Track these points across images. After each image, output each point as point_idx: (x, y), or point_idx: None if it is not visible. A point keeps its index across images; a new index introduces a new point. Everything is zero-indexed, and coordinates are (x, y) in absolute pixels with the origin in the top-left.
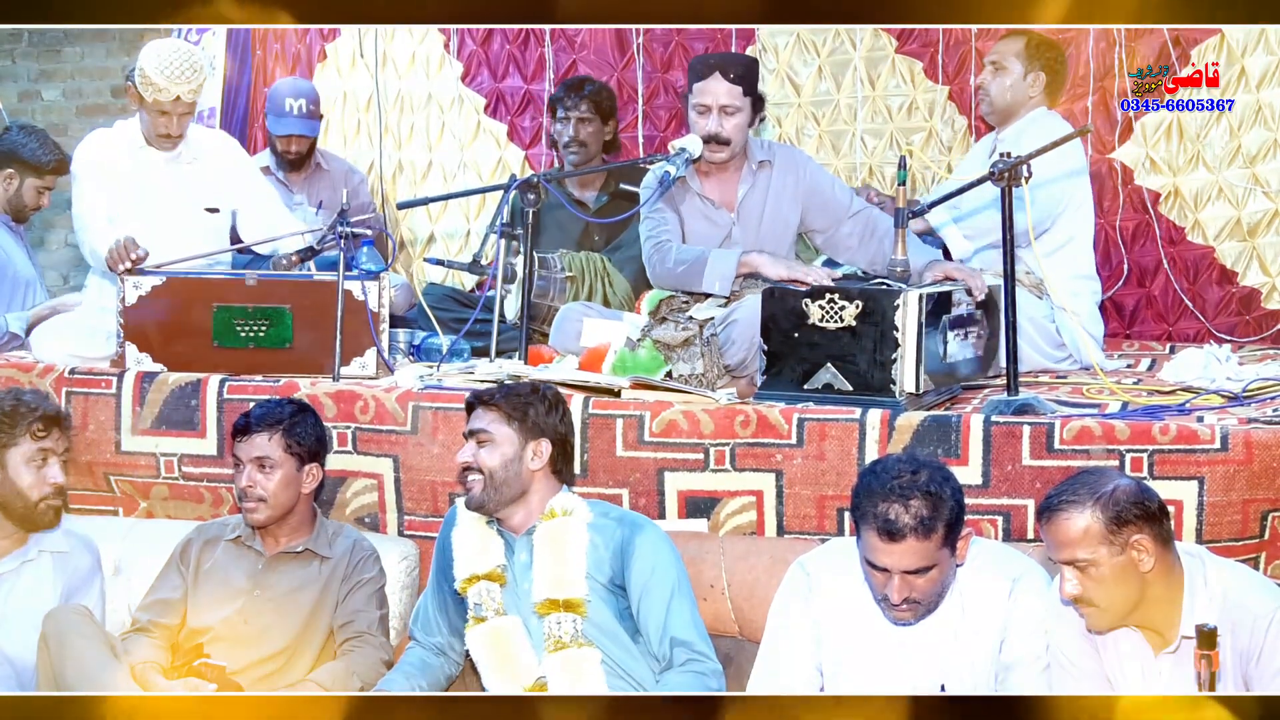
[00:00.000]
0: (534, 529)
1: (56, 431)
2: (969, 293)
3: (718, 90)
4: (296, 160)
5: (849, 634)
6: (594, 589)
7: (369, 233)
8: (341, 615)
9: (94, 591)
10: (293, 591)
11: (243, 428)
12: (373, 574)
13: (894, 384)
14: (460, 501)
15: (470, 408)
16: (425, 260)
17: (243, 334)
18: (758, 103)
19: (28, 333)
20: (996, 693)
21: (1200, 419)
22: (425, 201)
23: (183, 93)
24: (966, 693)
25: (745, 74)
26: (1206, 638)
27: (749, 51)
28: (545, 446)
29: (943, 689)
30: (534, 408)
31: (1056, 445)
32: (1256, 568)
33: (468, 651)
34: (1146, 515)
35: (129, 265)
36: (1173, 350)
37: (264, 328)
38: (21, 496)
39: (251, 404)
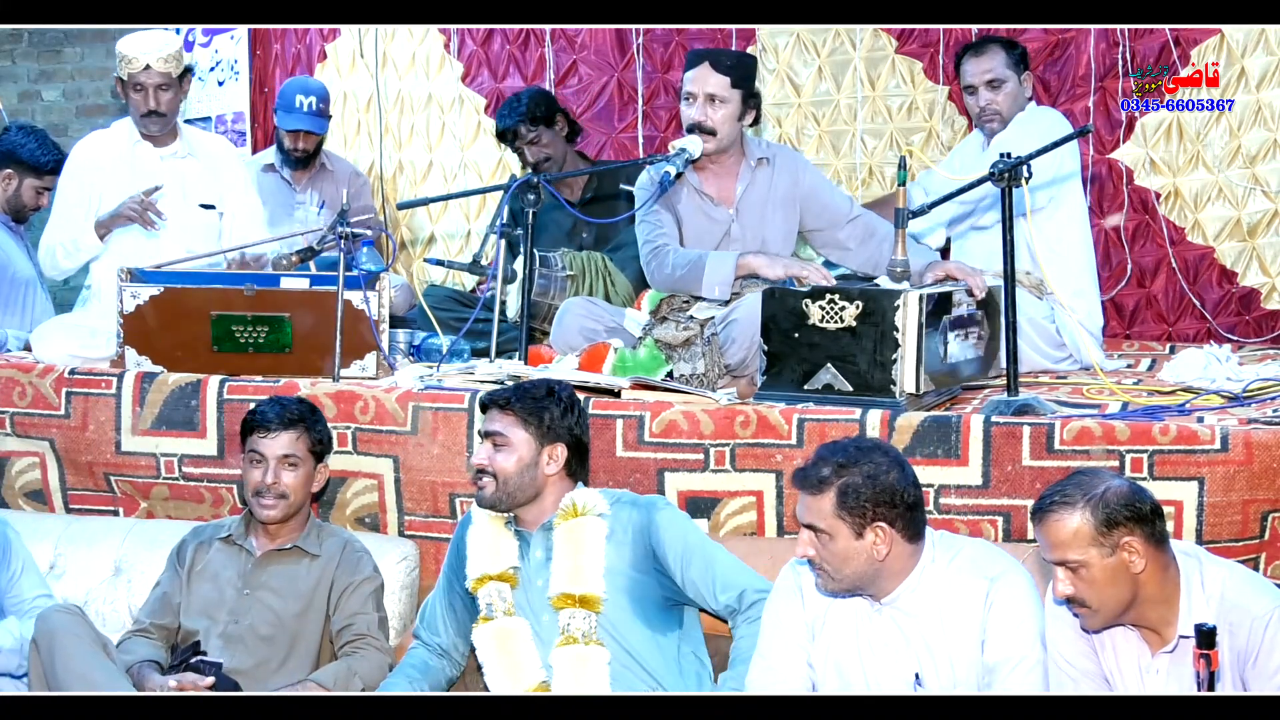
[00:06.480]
0: (550, 525)
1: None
2: (969, 293)
3: (705, 79)
4: (302, 158)
5: (836, 627)
6: (614, 583)
7: (369, 233)
8: (340, 617)
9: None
10: (282, 589)
11: (264, 424)
12: (367, 574)
13: (894, 384)
14: (475, 502)
15: (485, 408)
16: (425, 261)
17: (242, 339)
18: (749, 98)
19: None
20: (986, 693)
21: (1200, 419)
22: (425, 202)
23: (152, 61)
24: (945, 688)
25: (735, 66)
26: (1206, 637)
27: (749, 51)
28: (561, 451)
29: (917, 677)
30: (549, 411)
31: (1056, 446)
32: (1256, 568)
33: (472, 651)
34: (1137, 516)
35: (154, 210)
36: (1173, 350)
37: (263, 333)
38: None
39: (253, 404)
